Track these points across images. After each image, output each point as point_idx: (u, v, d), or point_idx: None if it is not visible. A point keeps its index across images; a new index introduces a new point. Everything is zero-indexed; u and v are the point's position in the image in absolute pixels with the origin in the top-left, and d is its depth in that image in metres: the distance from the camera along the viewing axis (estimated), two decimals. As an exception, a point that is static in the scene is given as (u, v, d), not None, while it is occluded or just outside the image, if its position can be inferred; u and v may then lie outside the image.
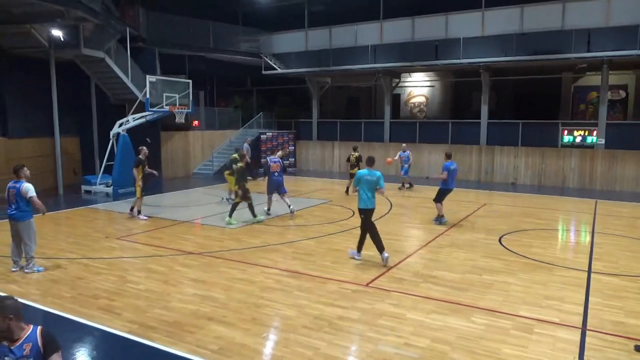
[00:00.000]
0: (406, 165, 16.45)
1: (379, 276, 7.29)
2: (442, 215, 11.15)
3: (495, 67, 18.94)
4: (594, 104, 20.30)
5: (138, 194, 11.61)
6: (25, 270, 7.50)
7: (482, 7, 18.21)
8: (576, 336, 5.30)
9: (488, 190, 16.85)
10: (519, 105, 22.67)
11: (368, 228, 8.00)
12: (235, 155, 13.91)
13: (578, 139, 17.97)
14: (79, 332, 5.48)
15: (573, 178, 17.83)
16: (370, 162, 8.26)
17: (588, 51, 16.38)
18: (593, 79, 19.67)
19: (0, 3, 11.75)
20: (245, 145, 17.17)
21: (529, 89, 21.77)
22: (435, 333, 5.35)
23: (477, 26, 18.39)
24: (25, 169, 7.61)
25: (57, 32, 14.38)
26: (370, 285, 6.93)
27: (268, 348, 5.13)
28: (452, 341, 5.16)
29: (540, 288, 6.83)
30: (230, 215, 10.90)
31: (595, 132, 17.58)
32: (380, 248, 7.87)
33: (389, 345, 5.08)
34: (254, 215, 11.14)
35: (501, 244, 9.37)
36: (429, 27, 19.38)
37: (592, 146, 17.63)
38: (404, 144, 17.57)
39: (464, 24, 18.66)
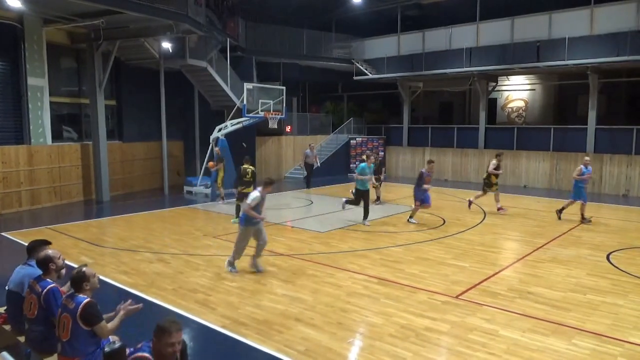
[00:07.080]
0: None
1: (470, 288, 7.00)
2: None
3: (606, 68, 17.40)
4: None
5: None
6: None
7: (592, 4, 16.84)
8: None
9: (595, 202, 15.47)
10: (632, 109, 20.57)
11: None
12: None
13: None
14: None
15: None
16: None
17: None
18: None
19: (121, 20, 13.03)
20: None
21: (645, 92, 19.69)
22: (533, 354, 5.01)
23: (585, 24, 17.04)
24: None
25: (166, 44, 15.66)
26: (460, 297, 6.67)
27: (353, 354, 5.14)
28: (551, 364, 4.80)
29: (657, 313, 6.14)
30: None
31: None
32: None
33: (480, 362, 4.85)
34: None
35: (609, 261, 8.56)
36: (530, 27, 18.34)
37: None
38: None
39: (569, 23, 17.40)
